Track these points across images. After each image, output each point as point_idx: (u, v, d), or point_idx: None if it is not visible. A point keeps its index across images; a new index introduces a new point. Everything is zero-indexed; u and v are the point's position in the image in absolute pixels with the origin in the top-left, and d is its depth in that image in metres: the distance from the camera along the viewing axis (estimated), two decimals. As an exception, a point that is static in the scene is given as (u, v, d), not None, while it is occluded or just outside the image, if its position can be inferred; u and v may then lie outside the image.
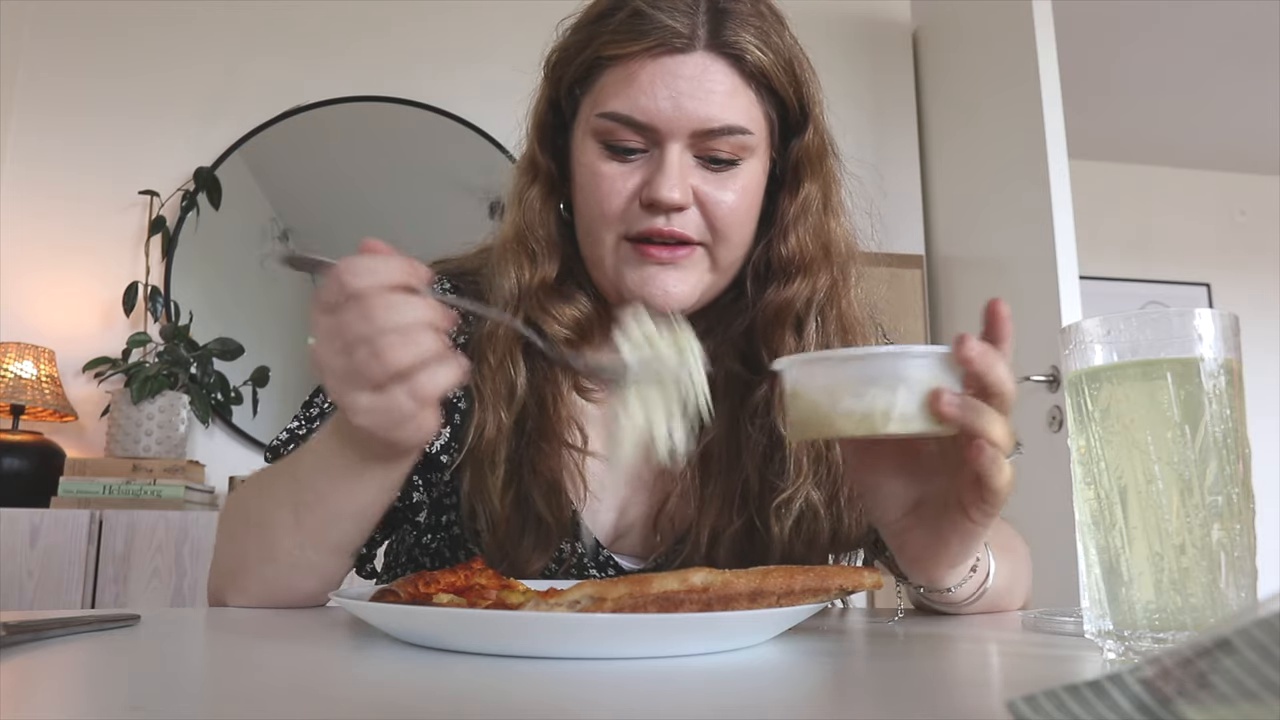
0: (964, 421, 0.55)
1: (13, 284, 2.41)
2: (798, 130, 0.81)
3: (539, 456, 0.78)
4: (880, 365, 0.56)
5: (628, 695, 0.39)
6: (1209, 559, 0.44)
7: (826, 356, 0.59)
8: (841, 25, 3.01)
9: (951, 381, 0.56)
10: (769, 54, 0.76)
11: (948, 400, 0.54)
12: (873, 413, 0.55)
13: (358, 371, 0.57)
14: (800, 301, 0.81)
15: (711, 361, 0.84)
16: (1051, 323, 2.33)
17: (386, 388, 0.57)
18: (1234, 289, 4.39)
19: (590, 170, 0.77)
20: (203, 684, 0.43)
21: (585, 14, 0.80)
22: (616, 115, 0.74)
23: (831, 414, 0.56)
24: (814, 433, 0.58)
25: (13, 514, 1.86)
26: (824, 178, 0.83)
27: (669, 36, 0.73)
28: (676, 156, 0.74)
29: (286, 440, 0.82)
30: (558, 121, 0.83)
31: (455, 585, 0.56)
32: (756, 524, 0.80)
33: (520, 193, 0.83)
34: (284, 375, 2.51)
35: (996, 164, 2.62)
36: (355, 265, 0.57)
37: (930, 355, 0.55)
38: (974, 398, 0.55)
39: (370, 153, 2.69)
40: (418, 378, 0.57)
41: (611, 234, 0.77)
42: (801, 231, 0.81)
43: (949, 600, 0.69)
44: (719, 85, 0.74)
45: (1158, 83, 3.73)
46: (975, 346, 0.55)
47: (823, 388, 0.57)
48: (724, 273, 0.80)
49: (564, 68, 0.80)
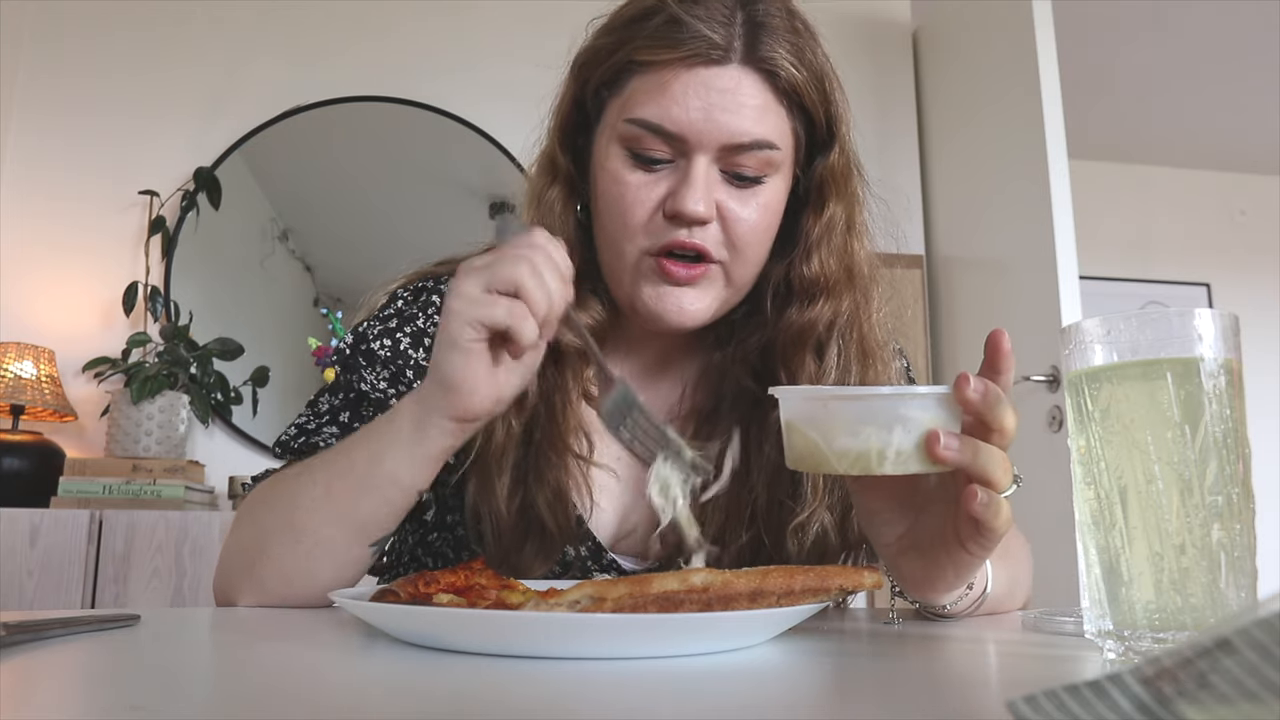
0: (961, 465, 0.55)
1: (13, 284, 2.41)
2: (823, 149, 0.80)
3: (545, 465, 0.78)
4: (877, 407, 0.55)
5: (628, 695, 0.39)
6: (1209, 559, 0.44)
7: (822, 394, 0.59)
8: (841, 25, 3.00)
9: (950, 418, 0.56)
10: (803, 71, 0.75)
11: (944, 445, 0.54)
12: (868, 453, 0.55)
13: (491, 270, 0.62)
14: (823, 324, 0.80)
15: (721, 374, 0.84)
16: (1051, 323, 2.33)
17: (496, 296, 0.61)
18: (1234, 289, 4.39)
19: (615, 178, 0.76)
20: (203, 684, 0.43)
21: (617, 16, 0.79)
22: (647, 123, 0.73)
23: (827, 452, 0.56)
24: (809, 467, 0.58)
25: (13, 514, 1.86)
26: (848, 199, 0.82)
27: (705, 47, 0.72)
28: (703, 169, 0.73)
29: (296, 435, 0.82)
30: (581, 121, 0.82)
31: (455, 585, 0.56)
32: (764, 540, 0.79)
33: (540, 192, 0.83)
34: (284, 375, 2.51)
35: (996, 164, 2.62)
36: (550, 236, 0.65)
37: (929, 396, 0.55)
38: (972, 437, 0.55)
39: (370, 153, 2.69)
40: (521, 310, 0.61)
41: (633, 246, 0.76)
42: (825, 253, 0.80)
43: (945, 615, 0.69)
44: (751, 100, 0.73)
45: (1158, 83, 3.73)
46: (977, 388, 0.55)
47: (819, 425, 0.56)
48: (739, 290, 0.79)
49: (592, 69, 0.79)
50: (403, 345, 0.83)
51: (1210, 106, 3.90)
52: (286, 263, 2.60)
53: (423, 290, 0.87)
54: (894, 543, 0.64)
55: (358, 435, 0.71)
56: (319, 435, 0.81)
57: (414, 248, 0.96)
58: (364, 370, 0.83)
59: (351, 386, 0.83)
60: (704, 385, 0.86)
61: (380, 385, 0.82)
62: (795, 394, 0.59)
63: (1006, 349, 0.58)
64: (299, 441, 0.81)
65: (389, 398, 0.82)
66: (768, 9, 0.75)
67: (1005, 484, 0.56)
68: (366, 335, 0.84)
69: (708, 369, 0.86)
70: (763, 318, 0.83)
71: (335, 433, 0.81)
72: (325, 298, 2.60)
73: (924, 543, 0.62)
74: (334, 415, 0.82)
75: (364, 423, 0.80)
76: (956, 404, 0.55)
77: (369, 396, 0.82)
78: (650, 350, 0.87)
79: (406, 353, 0.83)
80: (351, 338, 0.85)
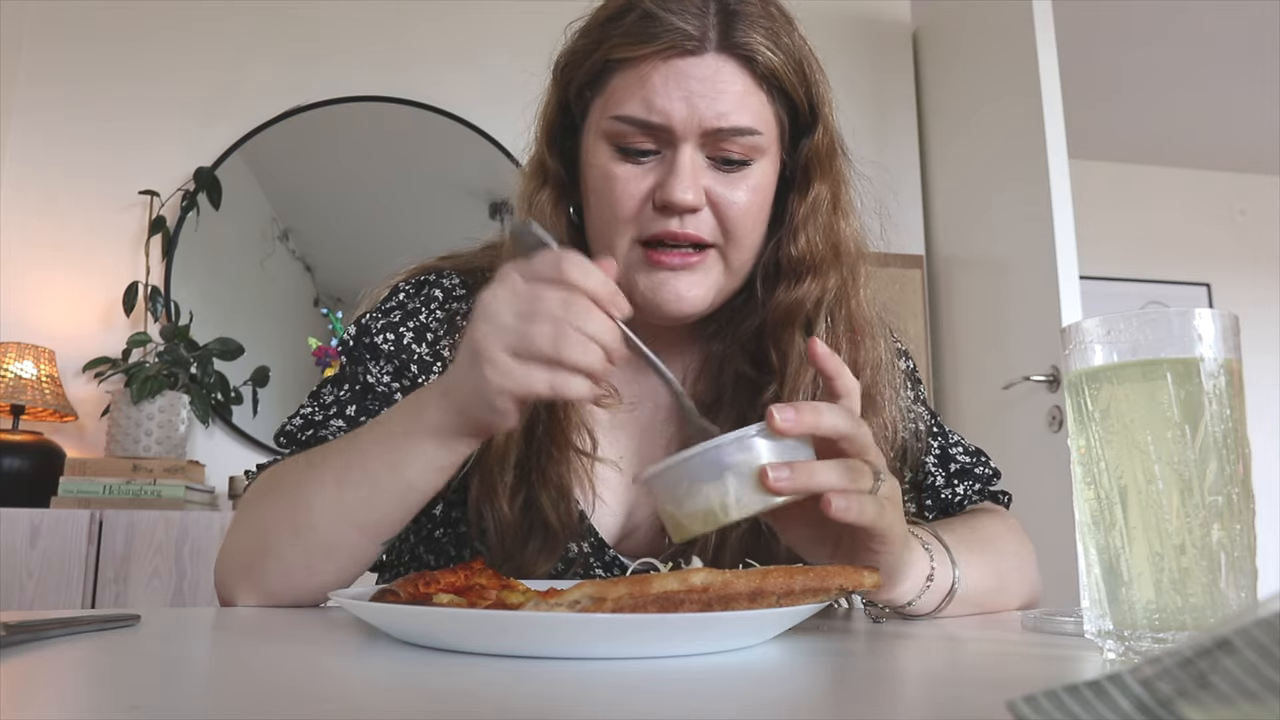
0: (800, 491, 0.55)
1: (13, 284, 2.41)
2: (807, 130, 0.81)
3: (548, 462, 0.78)
4: (695, 464, 0.56)
5: (628, 695, 0.39)
6: (1209, 559, 0.44)
7: (655, 470, 0.59)
8: (841, 25, 3.01)
9: (789, 446, 0.57)
10: (780, 55, 0.76)
11: (775, 479, 0.55)
12: (711, 507, 0.56)
13: (525, 336, 0.59)
14: (810, 302, 0.81)
15: (721, 364, 0.84)
16: (1051, 323, 2.33)
17: (533, 364, 0.59)
18: (1234, 289, 4.40)
19: (602, 172, 0.76)
20: (203, 684, 0.43)
21: (594, 17, 0.80)
22: (630, 119, 0.74)
23: (681, 517, 0.58)
24: (681, 537, 0.59)
25: (13, 514, 1.86)
26: (833, 178, 0.82)
27: (680, 39, 0.73)
28: (689, 158, 0.74)
29: (303, 426, 0.81)
30: (567, 124, 0.82)
31: (455, 585, 0.56)
32: (763, 526, 0.79)
33: (530, 196, 0.83)
34: (284, 375, 2.51)
35: (996, 164, 2.62)
36: (580, 263, 0.60)
37: (742, 439, 0.56)
38: (812, 460, 0.57)
39: (370, 153, 2.69)
40: (565, 376, 0.59)
41: (624, 238, 0.77)
42: (811, 232, 0.81)
43: (915, 612, 0.68)
44: (731, 86, 0.74)
45: (1158, 83, 3.73)
46: (786, 416, 0.55)
47: (668, 497, 0.58)
48: (736, 274, 0.80)
49: (573, 71, 0.80)
50: (406, 339, 0.83)
51: (1210, 106, 3.90)
52: (286, 263, 2.60)
53: (425, 284, 0.88)
54: (827, 561, 0.64)
55: (371, 436, 0.69)
56: (325, 428, 0.81)
57: (414, 247, 0.96)
58: (368, 363, 0.83)
59: (357, 379, 0.83)
60: (705, 377, 0.86)
61: (384, 379, 0.82)
62: (645, 476, 0.59)
63: (823, 353, 0.60)
64: (306, 434, 0.81)
65: (394, 392, 0.82)
66: None
67: (863, 487, 0.57)
68: (370, 328, 0.84)
69: (708, 360, 0.87)
70: (755, 302, 0.83)
71: (341, 425, 0.80)
72: (325, 298, 2.60)
73: (846, 553, 0.62)
74: (340, 408, 0.82)
75: (369, 416, 0.80)
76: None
77: (374, 390, 0.82)
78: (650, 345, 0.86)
79: (410, 347, 0.83)
80: (354, 329, 0.85)
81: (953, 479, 0.91)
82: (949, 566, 0.69)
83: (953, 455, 0.92)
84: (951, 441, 0.93)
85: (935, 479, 0.91)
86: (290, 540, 0.69)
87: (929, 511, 0.91)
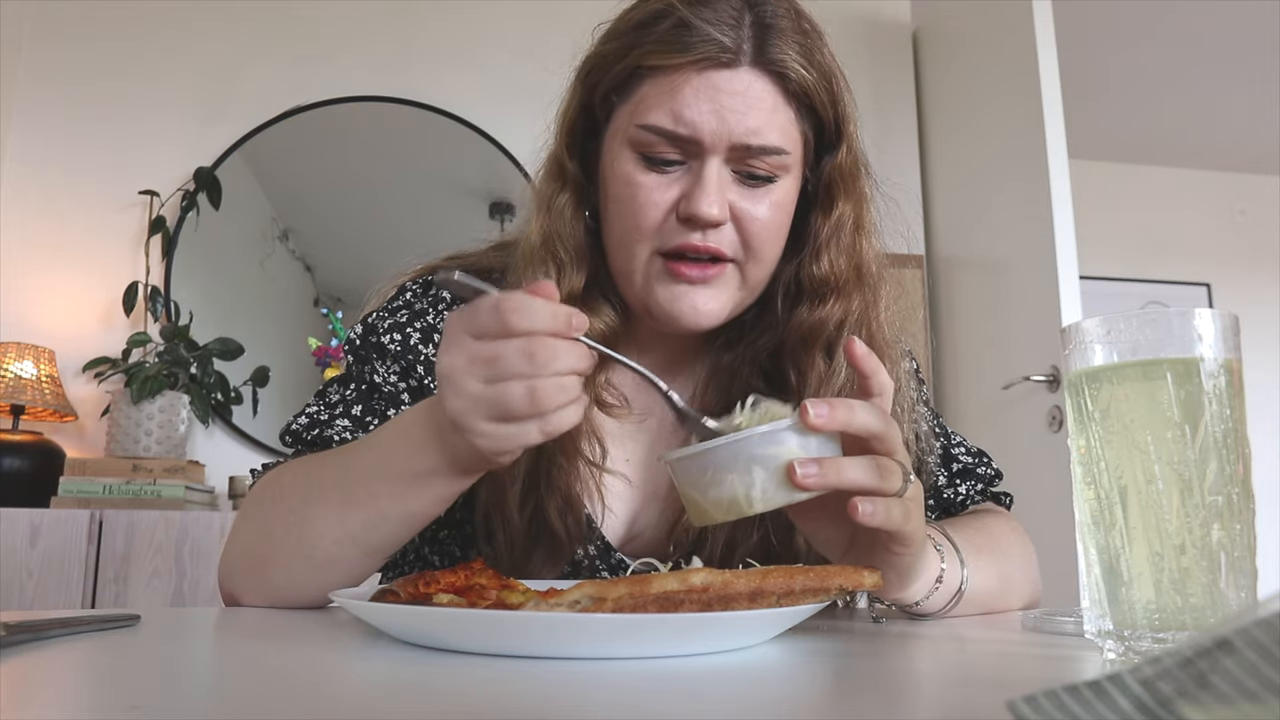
0: (828, 487, 0.55)
1: (13, 284, 2.41)
2: (831, 148, 0.80)
3: (556, 471, 0.78)
4: (723, 453, 0.56)
5: (628, 695, 0.39)
6: (1209, 559, 0.44)
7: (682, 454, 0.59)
8: (841, 25, 2.97)
9: (819, 442, 0.56)
10: (813, 72, 0.75)
11: (803, 474, 0.54)
12: (736, 497, 0.56)
13: (501, 403, 0.57)
14: (833, 323, 0.80)
15: (731, 376, 0.84)
16: (1051, 323, 2.33)
17: (518, 422, 0.58)
18: (1234, 289, 4.40)
19: (626, 181, 0.75)
20: (203, 684, 0.43)
21: (624, 20, 0.78)
22: (659, 129, 0.73)
23: (705, 504, 0.57)
24: (701, 521, 0.59)
25: (13, 514, 1.86)
26: (856, 197, 0.82)
27: (715, 50, 0.72)
28: (715, 171, 0.73)
29: (309, 425, 0.80)
30: (588, 127, 0.81)
31: (455, 585, 0.56)
32: (773, 540, 0.79)
33: (549, 198, 0.82)
34: (284, 375, 2.51)
35: (996, 164, 2.62)
36: (521, 304, 0.57)
37: (773, 431, 0.55)
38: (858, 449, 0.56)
39: (370, 153, 2.69)
40: (552, 419, 0.58)
41: (645, 248, 0.76)
42: (834, 252, 0.80)
43: (922, 612, 0.69)
44: (763, 102, 0.73)
45: (1158, 83, 3.73)
46: (819, 412, 0.55)
47: (692, 482, 0.58)
48: (752, 290, 0.79)
49: (600, 74, 0.78)
50: (413, 340, 0.83)
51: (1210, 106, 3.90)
52: (286, 263, 2.60)
53: (431, 284, 0.87)
54: (842, 556, 0.64)
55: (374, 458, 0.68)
56: (331, 428, 0.80)
57: (414, 248, 0.96)
58: (375, 362, 0.83)
59: (363, 378, 0.83)
60: (714, 387, 0.86)
61: (391, 379, 0.82)
62: (671, 457, 0.59)
63: (860, 353, 0.59)
64: (311, 433, 0.80)
65: (400, 392, 0.82)
66: (775, 10, 0.75)
67: (892, 487, 0.57)
68: (376, 327, 0.84)
69: (718, 370, 0.86)
70: (773, 318, 0.82)
71: (347, 425, 0.80)
72: (325, 298, 2.60)
73: (864, 552, 0.62)
74: (346, 407, 0.82)
75: (375, 416, 0.80)
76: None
77: (380, 390, 0.82)
78: (661, 352, 0.87)
79: (416, 348, 0.83)
80: (361, 328, 0.85)
81: (955, 479, 0.91)
82: (958, 567, 0.70)
83: (955, 455, 0.92)
84: (954, 442, 0.93)
85: (937, 478, 0.91)
86: (293, 556, 0.69)
87: (931, 511, 0.91)
